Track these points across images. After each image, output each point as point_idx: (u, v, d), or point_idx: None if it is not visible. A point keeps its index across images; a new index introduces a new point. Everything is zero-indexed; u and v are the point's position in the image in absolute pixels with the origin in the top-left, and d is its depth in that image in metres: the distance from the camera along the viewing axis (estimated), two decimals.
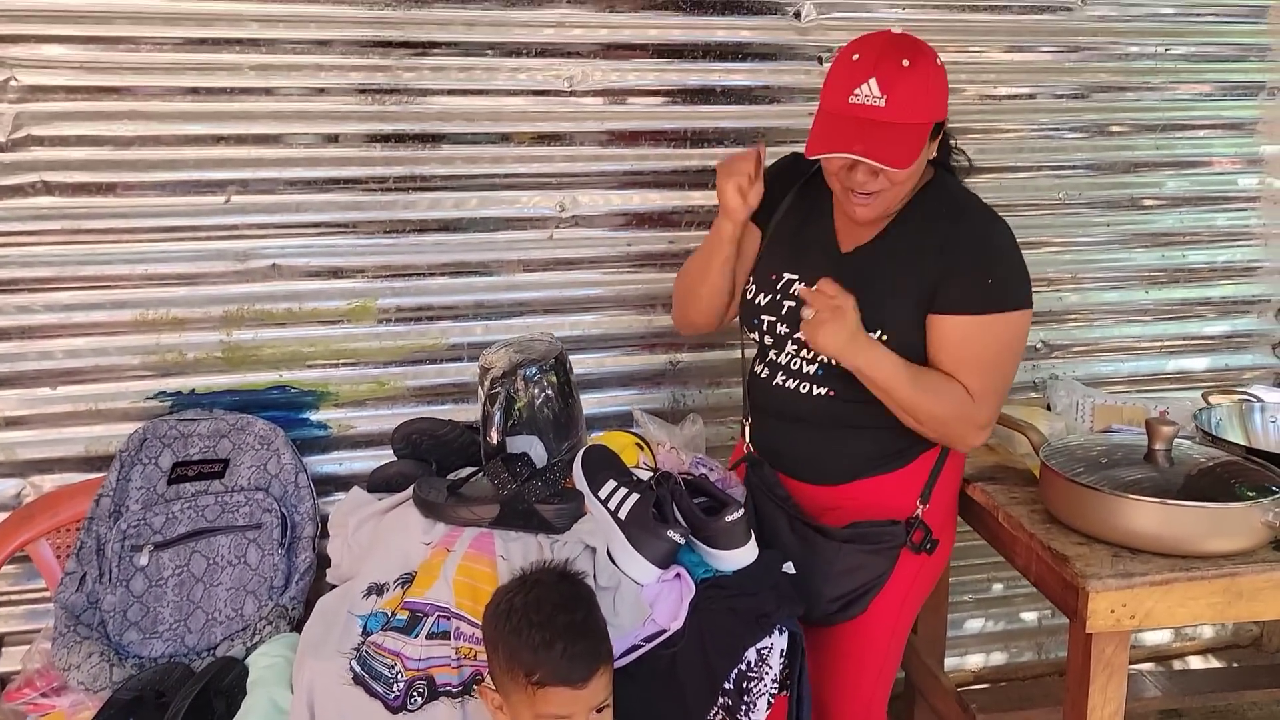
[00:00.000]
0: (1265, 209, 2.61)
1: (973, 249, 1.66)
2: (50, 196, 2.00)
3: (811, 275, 1.67)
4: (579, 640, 1.29)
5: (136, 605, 1.82)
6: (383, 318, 2.20)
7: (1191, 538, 1.55)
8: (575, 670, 1.27)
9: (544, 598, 1.31)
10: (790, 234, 1.80)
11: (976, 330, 1.64)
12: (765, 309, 1.78)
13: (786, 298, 1.75)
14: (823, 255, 1.75)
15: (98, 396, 2.08)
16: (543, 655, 1.26)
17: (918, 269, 1.66)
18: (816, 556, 1.70)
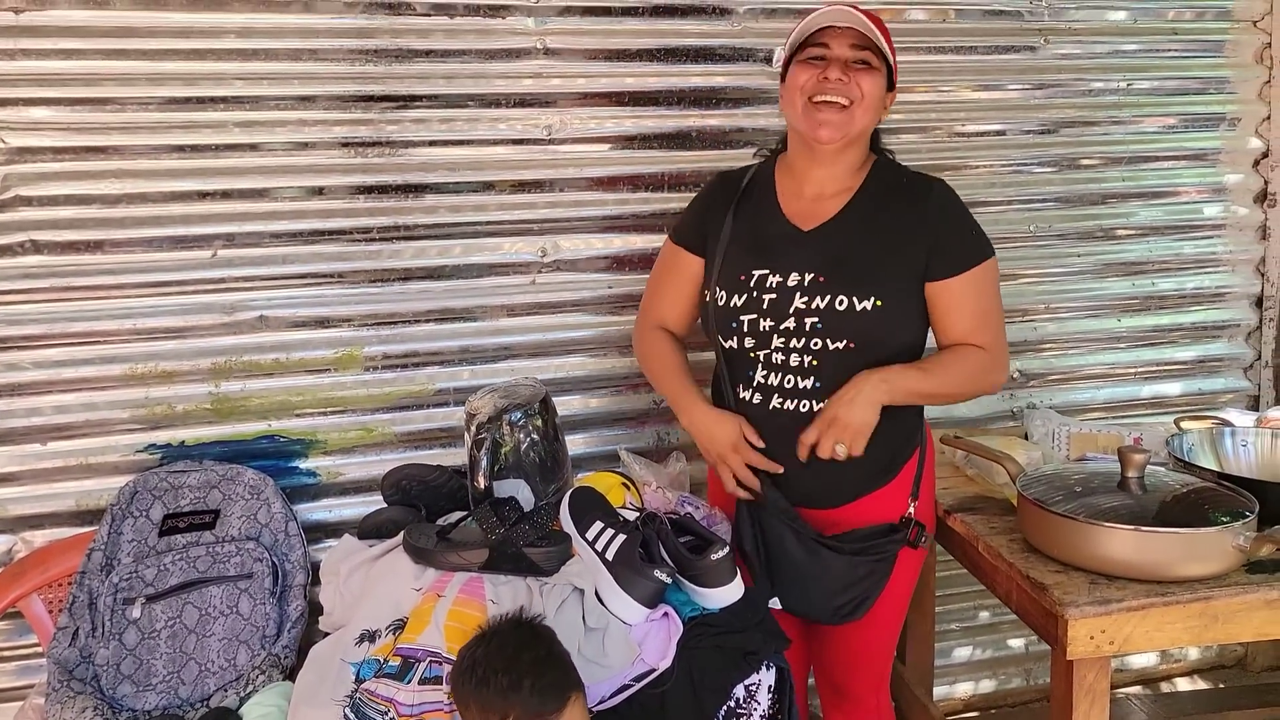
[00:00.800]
0: (1231, 236, 2.67)
1: (947, 212, 1.76)
2: (39, 255, 2.03)
3: (782, 264, 1.72)
4: (546, 673, 1.32)
5: (129, 658, 1.83)
6: (369, 365, 2.23)
7: (1166, 563, 1.58)
8: (547, 702, 1.30)
9: (504, 644, 1.35)
10: (746, 237, 1.80)
11: (977, 282, 1.74)
12: (743, 309, 1.74)
13: (765, 292, 1.73)
14: (786, 241, 1.76)
15: (88, 451, 2.10)
16: (513, 696, 1.29)
17: (903, 239, 1.72)
18: (824, 568, 1.73)
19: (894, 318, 1.71)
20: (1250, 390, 2.73)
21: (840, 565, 1.72)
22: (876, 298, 1.68)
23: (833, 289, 1.69)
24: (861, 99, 1.69)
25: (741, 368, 1.78)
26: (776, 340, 1.72)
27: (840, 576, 1.73)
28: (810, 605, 1.77)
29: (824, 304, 1.69)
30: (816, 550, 1.73)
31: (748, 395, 1.77)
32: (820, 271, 1.70)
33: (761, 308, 1.73)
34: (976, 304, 1.75)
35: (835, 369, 1.70)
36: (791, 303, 1.71)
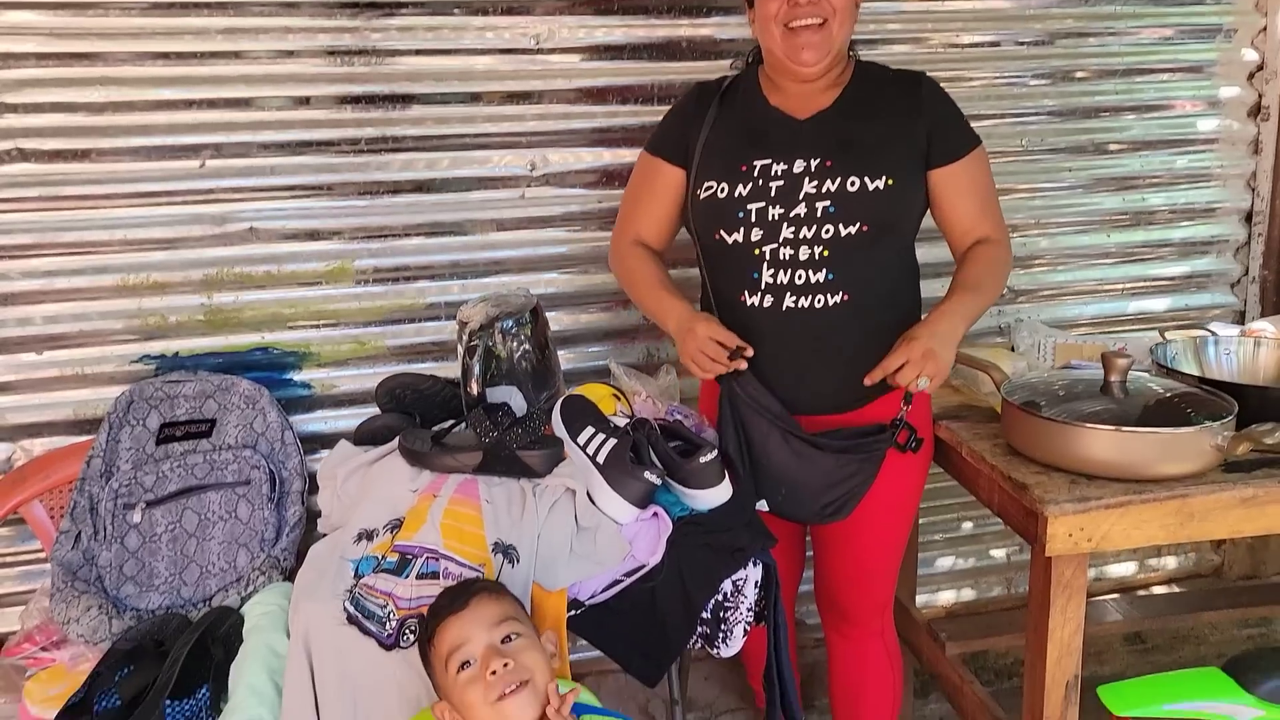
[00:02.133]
0: (1224, 150, 2.66)
1: (940, 99, 1.79)
2: (25, 163, 2.02)
3: (783, 152, 1.71)
4: (482, 583, 1.39)
5: (132, 560, 1.87)
6: (360, 279, 2.23)
7: (1145, 462, 1.61)
8: (455, 600, 1.34)
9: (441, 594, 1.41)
10: (737, 130, 1.78)
11: (977, 166, 1.79)
12: (750, 197, 1.71)
13: (770, 180, 1.70)
14: (783, 130, 1.75)
15: (83, 361, 2.11)
16: (429, 614, 1.36)
17: (902, 125, 1.74)
18: (812, 467, 1.76)
19: (905, 198, 1.72)
20: (1236, 306, 2.75)
21: (827, 463, 1.75)
22: (888, 177, 1.68)
23: (843, 171, 1.68)
24: (834, 13, 1.67)
25: (744, 269, 1.74)
26: (786, 230, 1.69)
27: (826, 474, 1.76)
28: (797, 505, 1.80)
29: (835, 186, 1.68)
30: (802, 449, 1.75)
31: (755, 300, 1.74)
32: (826, 156, 1.70)
33: (769, 195, 1.70)
34: (980, 189, 1.79)
35: (848, 258, 1.70)
36: (800, 188, 1.69)
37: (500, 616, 1.33)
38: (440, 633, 1.32)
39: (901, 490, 1.86)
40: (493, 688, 1.27)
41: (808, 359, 1.75)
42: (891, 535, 1.90)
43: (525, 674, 1.29)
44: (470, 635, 1.30)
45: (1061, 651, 1.68)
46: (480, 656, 1.29)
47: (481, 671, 1.28)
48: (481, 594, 1.35)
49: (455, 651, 1.30)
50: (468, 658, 1.30)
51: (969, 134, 1.80)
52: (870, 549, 1.89)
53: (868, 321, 1.75)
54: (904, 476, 1.85)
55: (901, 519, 1.91)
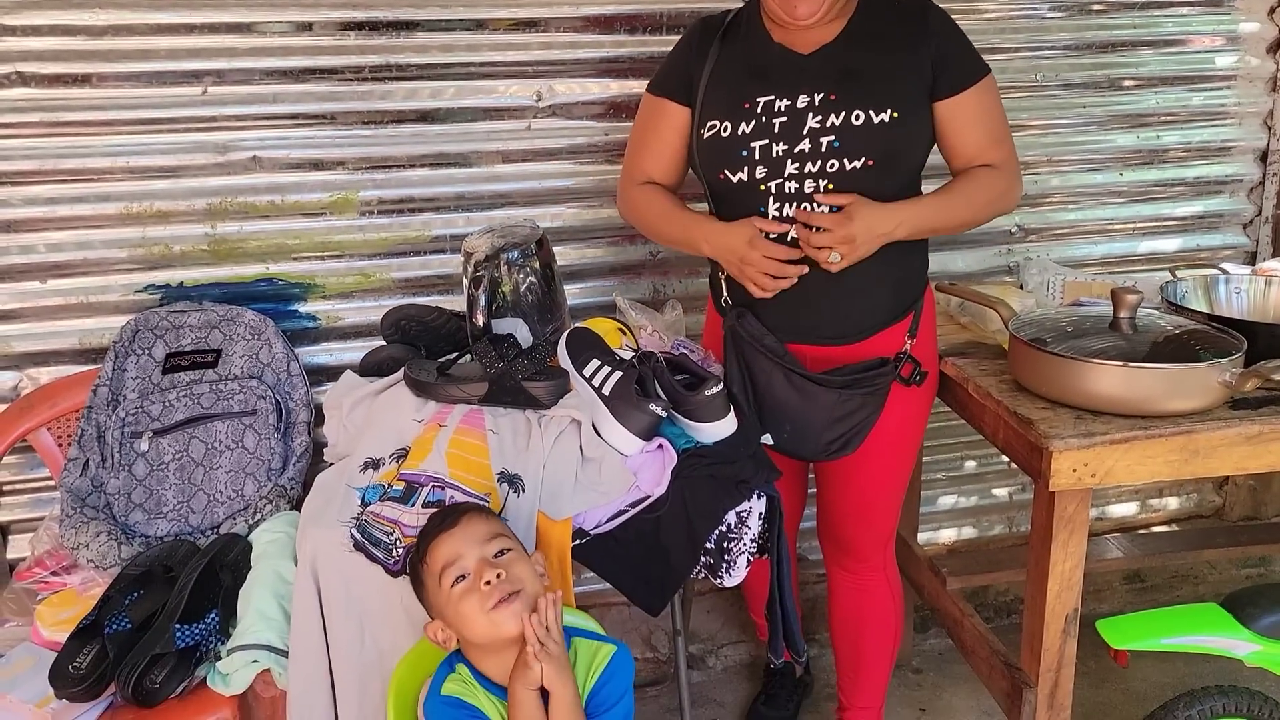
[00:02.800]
0: (1242, 88, 2.62)
1: (945, 29, 1.75)
2: (25, 88, 1.99)
3: (786, 87, 1.68)
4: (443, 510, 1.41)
5: (140, 488, 1.88)
6: (365, 210, 2.21)
7: (1151, 398, 1.61)
8: (446, 518, 1.37)
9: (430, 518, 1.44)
10: (740, 66, 1.75)
11: (985, 96, 1.74)
12: (752, 135, 1.69)
13: (773, 116, 1.68)
14: (785, 65, 1.72)
15: (87, 290, 2.11)
16: (420, 535, 1.38)
17: (907, 56, 1.70)
18: (814, 403, 1.75)
19: (910, 130, 1.69)
20: (1248, 246, 2.73)
21: (830, 399, 1.74)
22: (893, 109, 1.65)
23: (847, 104, 1.66)
24: None
25: (751, 206, 1.72)
26: (790, 166, 1.67)
27: (829, 411, 1.75)
28: (801, 443, 1.80)
29: (839, 120, 1.65)
30: (805, 387, 1.75)
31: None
32: (830, 89, 1.67)
33: (772, 132, 1.68)
34: (987, 119, 1.74)
35: (852, 190, 1.67)
36: (804, 123, 1.66)
37: (490, 533, 1.37)
38: (433, 550, 1.35)
39: (905, 424, 1.86)
40: (488, 597, 1.31)
41: (813, 290, 1.74)
42: (895, 470, 1.90)
43: (518, 584, 1.33)
44: (463, 551, 1.34)
45: (1062, 585, 1.70)
46: (474, 569, 1.33)
47: (476, 583, 1.32)
48: (470, 512, 1.39)
49: (449, 567, 1.33)
50: (462, 572, 1.33)
51: (976, 63, 1.75)
52: (873, 483, 1.90)
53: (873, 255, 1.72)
54: (908, 411, 1.85)
55: (905, 453, 1.91)
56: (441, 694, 1.34)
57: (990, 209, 1.78)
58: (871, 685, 2.10)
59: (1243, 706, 1.80)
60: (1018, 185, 1.80)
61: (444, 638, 1.36)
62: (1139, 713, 1.97)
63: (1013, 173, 1.78)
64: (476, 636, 1.34)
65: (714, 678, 2.54)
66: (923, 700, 2.44)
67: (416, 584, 1.40)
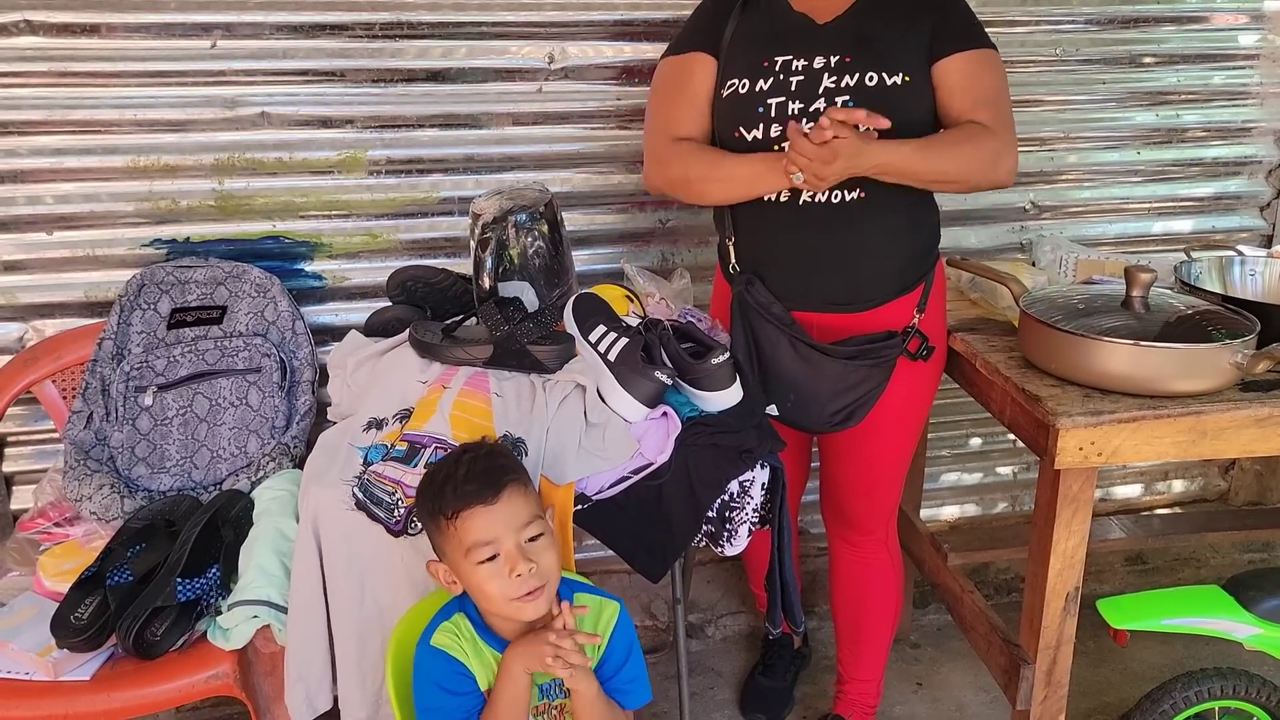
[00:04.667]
0: (1265, 67, 2.58)
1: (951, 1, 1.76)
2: (34, 36, 1.97)
3: (803, 50, 1.70)
4: (480, 462, 1.32)
5: (143, 442, 1.88)
6: (373, 169, 2.19)
7: (1161, 378, 1.59)
8: (483, 486, 1.29)
9: (453, 455, 1.37)
10: (760, 29, 1.77)
11: (980, 64, 1.73)
12: (770, 92, 1.70)
13: (791, 75, 1.70)
14: (803, 32, 1.75)
15: (94, 242, 2.10)
16: (448, 486, 1.30)
17: (913, 23, 1.72)
18: (819, 373, 1.76)
19: (919, 94, 1.71)
20: (1265, 229, 2.70)
21: (835, 369, 1.75)
22: (904, 73, 1.68)
23: (861, 66, 1.68)
24: None
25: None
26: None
27: (835, 380, 1.75)
28: (806, 413, 1.80)
29: (854, 81, 1.68)
30: (811, 356, 1.75)
31: (772, 195, 1.73)
32: (845, 52, 1.70)
33: (789, 90, 1.70)
34: (979, 82, 1.72)
35: None
36: (820, 83, 1.69)
37: (529, 515, 1.33)
38: (466, 520, 1.29)
39: (911, 399, 1.86)
40: (517, 588, 1.29)
41: (823, 255, 1.74)
42: (899, 444, 1.90)
43: (545, 578, 1.32)
44: (500, 534, 1.29)
45: (1064, 563, 1.69)
46: (507, 556, 1.29)
47: (506, 569, 1.29)
48: (512, 485, 1.32)
49: (482, 546, 1.29)
50: (495, 553, 1.30)
51: (975, 34, 1.75)
52: (877, 457, 1.89)
53: (883, 219, 1.74)
54: (914, 385, 1.84)
55: (910, 428, 1.90)
56: (430, 644, 1.35)
57: (977, 164, 1.68)
58: (871, 657, 2.11)
59: (1240, 689, 1.80)
60: (1010, 154, 1.72)
61: (448, 580, 1.36)
62: (1136, 693, 1.97)
63: (1005, 139, 1.71)
64: (492, 608, 1.34)
65: (713, 647, 2.55)
66: (920, 674, 2.44)
67: (431, 526, 1.34)
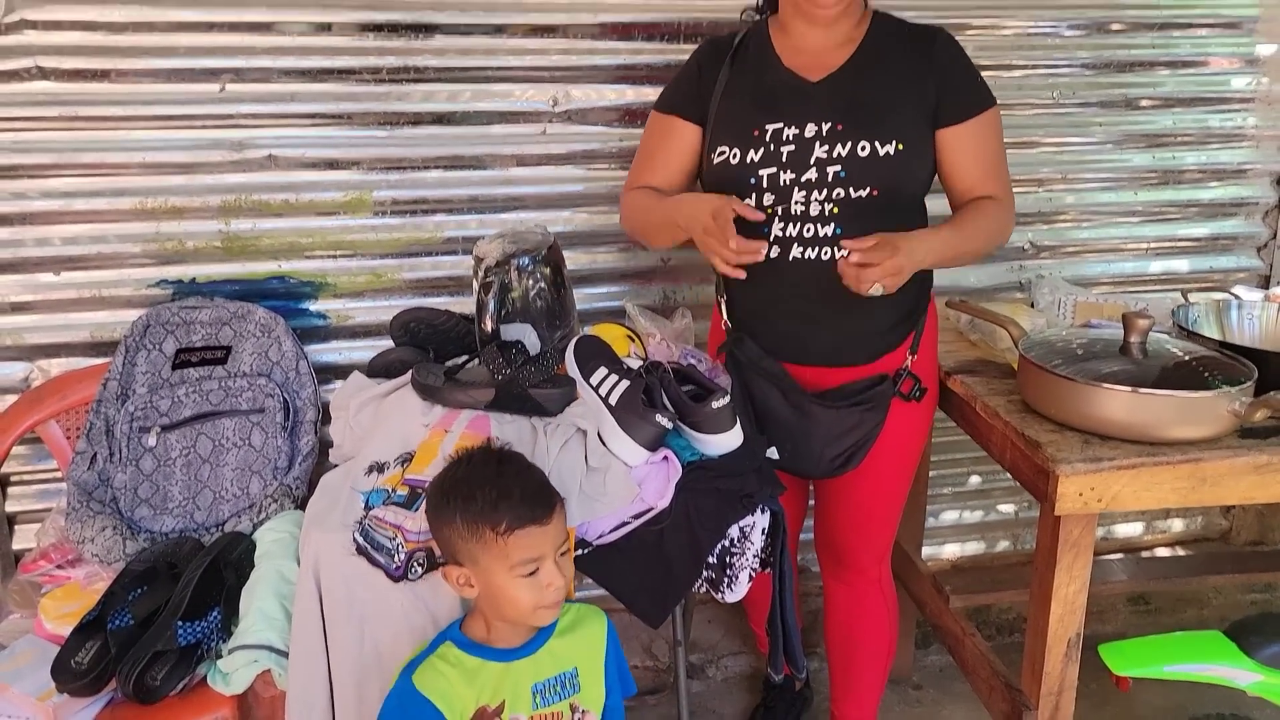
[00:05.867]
0: (1260, 110, 2.61)
1: (953, 57, 1.75)
2: (45, 81, 2.00)
3: (794, 116, 1.69)
4: (531, 482, 1.40)
5: (146, 483, 1.89)
6: (379, 210, 2.22)
7: (1160, 424, 1.60)
8: (537, 508, 1.37)
9: (482, 464, 1.41)
10: (749, 91, 1.75)
11: (986, 128, 1.74)
12: (761, 163, 1.69)
13: (781, 145, 1.68)
14: (793, 93, 1.72)
15: (100, 283, 2.12)
16: (504, 505, 1.35)
17: (912, 86, 1.71)
18: (814, 422, 1.76)
19: (914, 161, 1.70)
20: (1262, 270, 2.72)
21: (829, 417, 1.75)
22: (898, 141, 1.66)
23: (853, 135, 1.66)
24: None
25: (756, 227, 1.71)
26: (797, 194, 1.69)
27: (829, 428, 1.76)
28: (802, 460, 1.80)
29: (846, 151, 1.66)
30: (804, 405, 1.75)
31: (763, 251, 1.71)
32: (837, 119, 1.67)
33: (780, 160, 1.69)
34: (987, 151, 1.74)
35: (856, 215, 1.68)
36: (812, 153, 1.67)
37: (565, 534, 1.43)
38: (521, 538, 1.35)
39: (905, 439, 1.86)
40: (547, 595, 1.38)
41: (814, 309, 1.75)
42: (893, 483, 1.90)
43: (565, 592, 1.41)
44: (545, 551, 1.38)
45: (1065, 609, 1.69)
46: (546, 569, 1.37)
47: (540, 581, 1.37)
48: (558, 508, 1.41)
49: (530, 562, 1.36)
50: (536, 567, 1.37)
51: (981, 94, 1.75)
52: (872, 497, 1.90)
53: None
54: (907, 425, 1.85)
55: (904, 467, 1.91)
56: (411, 681, 1.36)
57: (995, 241, 1.80)
58: (864, 696, 2.10)
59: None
60: (1011, 217, 1.82)
61: (463, 584, 1.40)
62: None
63: (1008, 204, 1.79)
64: (507, 613, 1.39)
65: (714, 688, 2.54)
66: (922, 716, 2.43)
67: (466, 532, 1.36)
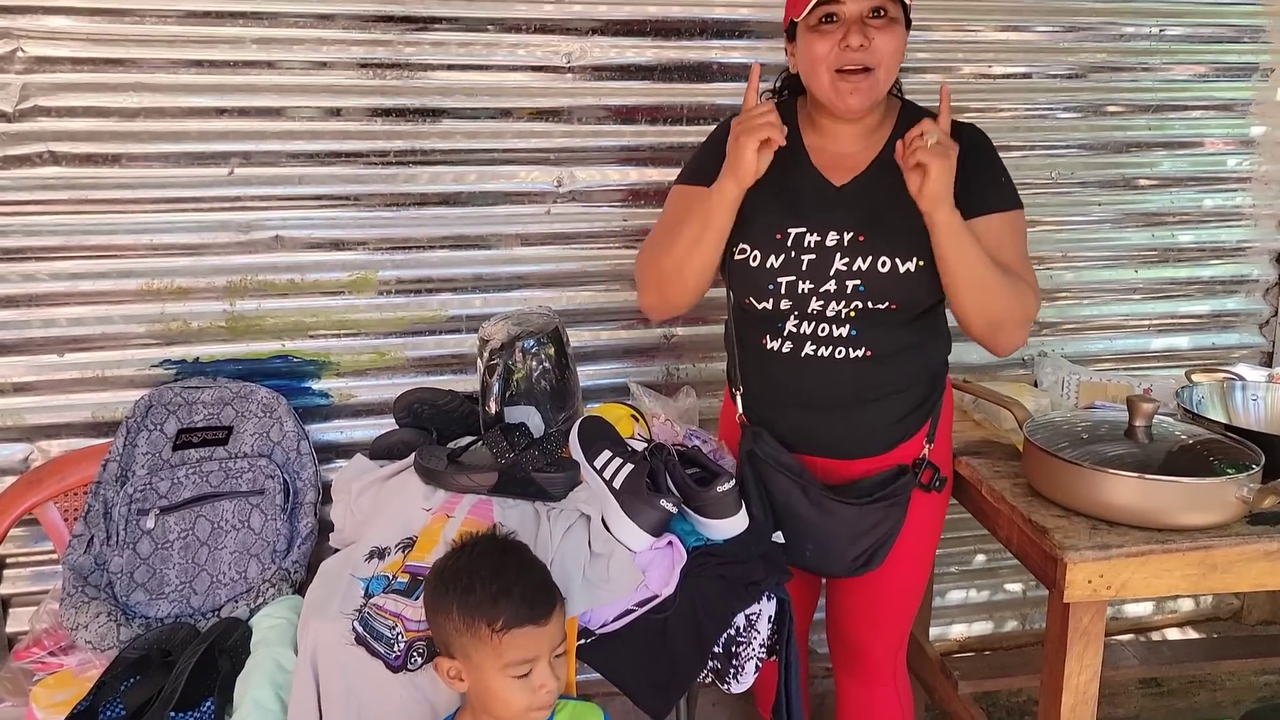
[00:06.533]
0: (1255, 190, 2.64)
1: (979, 156, 1.69)
2: (57, 166, 2.03)
3: (817, 221, 1.66)
4: (533, 579, 1.38)
5: (143, 567, 1.87)
6: (383, 289, 2.23)
7: (1168, 511, 1.59)
8: (537, 607, 1.35)
9: (485, 554, 1.39)
10: (774, 188, 1.70)
11: (1008, 227, 1.68)
12: (781, 270, 1.66)
13: (803, 252, 1.66)
14: (819, 197, 1.69)
15: (104, 364, 2.13)
16: (503, 602, 1.33)
17: None
18: (836, 520, 1.71)
19: (934, 277, 1.62)
20: (1264, 346, 2.72)
21: (851, 514, 1.71)
22: (919, 258, 1.62)
23: (874, 249, 1.63)
24: (881, 62, 1.60)
25: (772, 324, 1.72)
26: (815, 303, 1.66)
27: (852, 525, 1.71)
28: (826, 560, 1.76)
29: (866, 265, 1.63)
30: (825, 503, 1.71)
31: (775, 345, 1.72)
32: (859, 230, 1.65)
33: (800, 269, 1.66)
34: (1004, 247, 1.66)
35: (874, 324, 1.67)
36: (832, 264, 1.65)
37: (562, 636, 1.41)
38: (517, 637, 1.33)
39: (922, 530, 1.82)
40: (539, 698, 1.36)
41: (829, 402, 1.72)
42: (910, 578, 1.86)
43: (558, 693, 1.40)
44: (541, 652, 1.37)
45: (1077, 699, 1.65)
46: (539, 671, 1.36)
47: (537, 684, 1.36)
48: (558, 608, 1.39)
49: (523, 662, 1.35)
50: (531, 669, 1.36)
51: (1004, 194, 1.69)
52: (887, 593, 1.85)
53: (891, 373, 1.71)
54: (924, 517, 1.81)
55: (921, 561, 1.87)
56: None
57: (1004, 293, 1.60)
58: None
59: None
60: (1034, 298, 1.67)
61: (454, 677, 1.38)
62: None
63: (1031, 288, 1.67)
64: (497, 713, 1.37)
65: None
66: None
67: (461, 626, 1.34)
